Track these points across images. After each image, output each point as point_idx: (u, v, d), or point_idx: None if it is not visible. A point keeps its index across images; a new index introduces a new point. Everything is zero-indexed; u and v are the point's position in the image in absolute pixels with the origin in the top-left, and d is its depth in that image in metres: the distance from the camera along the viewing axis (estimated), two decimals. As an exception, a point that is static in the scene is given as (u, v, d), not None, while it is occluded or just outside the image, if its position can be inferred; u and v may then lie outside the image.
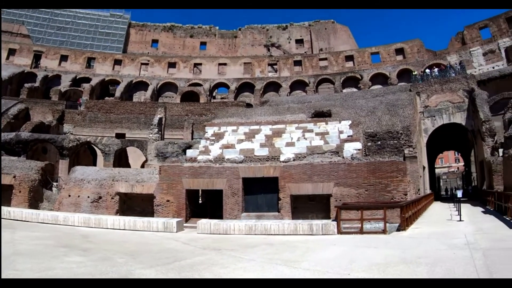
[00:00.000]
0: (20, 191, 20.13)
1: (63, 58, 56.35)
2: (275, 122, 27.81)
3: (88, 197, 19.38)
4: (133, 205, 20.22)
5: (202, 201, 22.20)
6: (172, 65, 59.05)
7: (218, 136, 25.78)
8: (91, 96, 49.76)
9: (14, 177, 20.25)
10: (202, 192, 21.60)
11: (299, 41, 65.74)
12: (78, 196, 19.48)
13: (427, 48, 54.62)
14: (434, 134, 34.28)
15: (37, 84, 50.46)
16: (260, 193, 18.63)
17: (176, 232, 15.46)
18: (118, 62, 58.22)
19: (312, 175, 17.72)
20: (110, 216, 17.55)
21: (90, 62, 57.58)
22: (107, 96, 53.26)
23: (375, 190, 16.91)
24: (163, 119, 35.31)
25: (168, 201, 18.79)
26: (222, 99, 56.87)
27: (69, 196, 19.62)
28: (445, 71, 39.23)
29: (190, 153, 22.09)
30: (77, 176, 20.34)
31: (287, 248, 11.37)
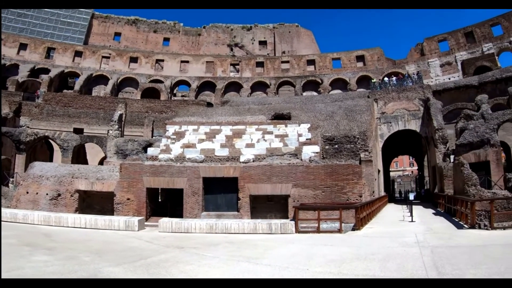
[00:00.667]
0: (-26, 187, 19.56)
1: (22, 47, 53.95)
2: (236, 123, 28.39)
3: (47, 194, 19.05)
4: (93, 203, 20.07)
5: (162, 200, 22.36)
6: (134, 60, 58.17)
7: (179, 135, 26.10)
8: (50, 88, 48.11)
9: (-33, 173, 19.66)
10: (162, 191, 21.69)
11: (263, 43, 66.53)
12: (37, 193, 19.11)
13: (387, 57, 56.84)
14: (390, 139, 35.61)
15: (-7, 73, 48.08)
16: (220, 193, 19.06)
17: (138, 231, 15.60)
18: (79, 54, 56.48)
19: (271, 176, 18.38)
20: (71, 214, 17.42)
21: (50, 52, 55.38)
22: (66, 89, 51.65)
23: (332, 192, 17.79)
24: (124, 116, 34.97)
25: (129, 200, 18.84)
26: (183, 97, 56.74)
27: (27, 193, 19.20)
28: (403, 80, 40.69)
29: (151, 152, 22.29)
30: (36, 172, 19.96)
31: (248, 246, 11.87)
